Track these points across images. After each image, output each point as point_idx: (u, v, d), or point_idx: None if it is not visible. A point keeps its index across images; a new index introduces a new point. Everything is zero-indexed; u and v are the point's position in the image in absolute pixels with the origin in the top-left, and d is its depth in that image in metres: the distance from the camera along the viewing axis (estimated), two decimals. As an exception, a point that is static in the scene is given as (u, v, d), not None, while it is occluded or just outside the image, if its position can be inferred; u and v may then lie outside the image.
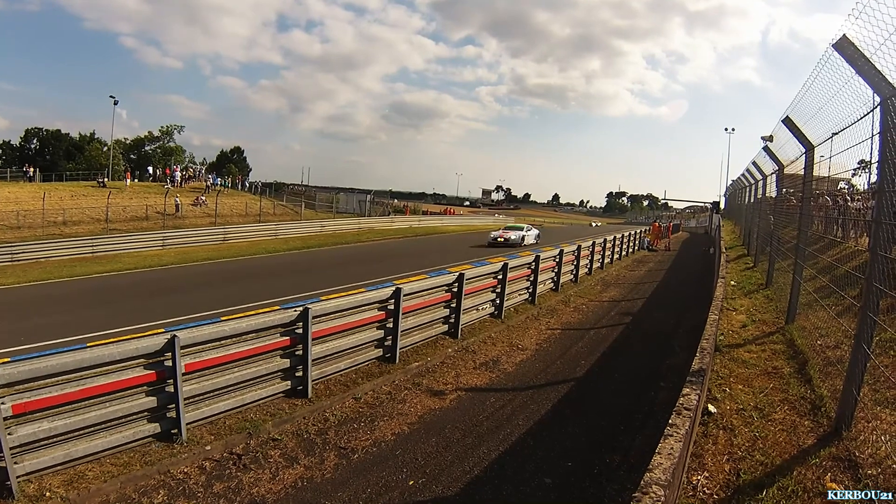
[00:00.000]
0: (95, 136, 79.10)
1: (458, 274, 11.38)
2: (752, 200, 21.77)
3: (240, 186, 64.15)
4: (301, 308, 8.13)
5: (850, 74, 5.18)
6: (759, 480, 4.37)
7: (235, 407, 7.54)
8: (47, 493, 5.61)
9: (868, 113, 5.24)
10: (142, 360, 6.51)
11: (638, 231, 33.22)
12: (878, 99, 4.78)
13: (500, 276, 13.03)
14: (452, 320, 11.50)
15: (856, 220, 9.44)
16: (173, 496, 5.94)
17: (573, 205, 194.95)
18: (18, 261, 25.69)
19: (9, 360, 8.36)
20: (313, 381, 8.40)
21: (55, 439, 5.90)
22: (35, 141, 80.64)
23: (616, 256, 25.19)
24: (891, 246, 4.62)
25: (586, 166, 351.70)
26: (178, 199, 43.67)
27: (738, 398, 6.14)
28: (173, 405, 6.76)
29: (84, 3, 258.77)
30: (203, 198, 47.17)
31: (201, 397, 7.16)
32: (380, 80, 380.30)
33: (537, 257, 14.87)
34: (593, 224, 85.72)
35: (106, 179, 51.16)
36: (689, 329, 11.80)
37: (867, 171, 7.44)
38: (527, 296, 14.98)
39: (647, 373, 9.91)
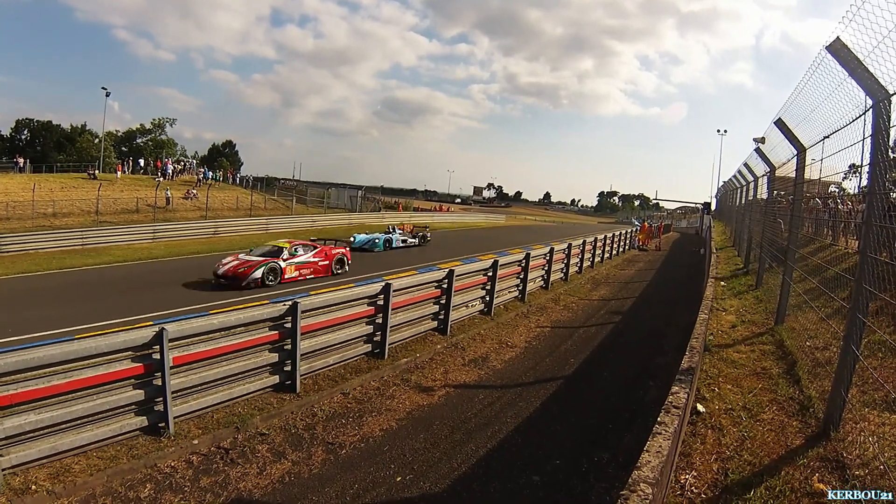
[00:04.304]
0: (87, 128, 78.58)
1: (447, 270, 11.38)
2: (743, 202, 21.84)
3: (231, 180, 63.74)
4: (290, 302, 8.11)
5: (842, 77, 5.19)
6: (746, 480, 4.38)
7: (223, 401, 7.52)
8: (33, 487, 5.58)
9: (860, 116, 5.24)
10: (129, 352, 6.48)
11: (629, 230, 33.27)
12: (870, 102, 4.79)
13: (489, 274, 13.04)
14: (442, 317, 11.49)
15: (846, 223, 9.47)
16: (160, 490, 5.91)
17: (564, 203, 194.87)
18: (7, 252, 25.44)
19: (-5, 351, 8.28)
20: (302, 375, 8.39)
21: (41, 432, 5.87)
22: (26, 131, 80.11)
23: (606, 255, 25.23)
24: (881, 248, 4.64)
25: (578, 165, 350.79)
26: (168, 192, 43.39)
27: (727, 398, 6.16)
28: (161, 398, 6.72)
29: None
30: (194, 191, 46.88)
31: (189, 391, 7.13)
32: (372, 76, 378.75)
33: (527, 255, 14.89)
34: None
35: (97, 171, 50.79)
36: (678, 329, 11.83)
37: (857, 174, 7.46)
38: (517, 293, 15.00)
39: (636, 371, 9.93)
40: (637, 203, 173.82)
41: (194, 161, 75.30)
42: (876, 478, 3.94)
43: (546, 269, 16.91)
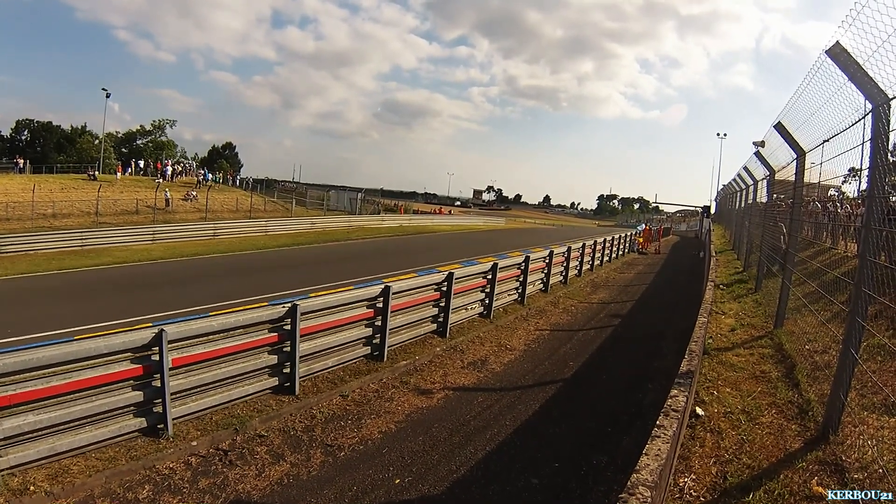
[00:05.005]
0: (87, 129, 78.66)
1: (447, 273, 11.37)
2: (742, 205, 21.86)
3: (231, 182, 63.84)
4: (290, 304, 8.10)
5: (842, 81, 5.20)
6: (745, 483, 4.38)
7: (222, 403, 7.51)
8: (31, 487, 5.57)
9: (860, 120, 5.26)
10: (129, 354, 6.47)
11: (629, 233, 33.29)
12: (870, 106, 4.80)
13: (489, 276, 13.03)
14: (441, 319, 11.49)
15: (846, 226, 9.49)
16: (159, 491, 5.91)
17: (564, 206, 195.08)
18: (6, 252, 25.42)
19: (-6, 352, 8.27)
20: (301, 377, 8.38)
21: (40, 433, 5.85)
22: (26, 132, 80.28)
23: (606, 259, 25.23)
24: (880, 252, 4.65)
25: (578, 168, 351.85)
26: (168, 194, 43.39)
27: (726, 401, 6.16)
28: (160, 400, 6.71)
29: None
30: (194, 193, 46.88)
31: (188, 392, 7.12)
32: (373, 78, 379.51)
33: (527, 258, 14.88)
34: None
35: (97, 172, 50.84)
36: (677, 332, 11.82)
37: (857, 178, 7.48)
38: (516, 296, 14.99)
39: (636, 375, 9.92)
40: (637, 206, 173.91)
41: (194, 162, 75.42)
42: (875, 481, 3.94)
43: (545, 272, 16.90)
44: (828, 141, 6.81)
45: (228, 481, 6.18)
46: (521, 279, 14.97)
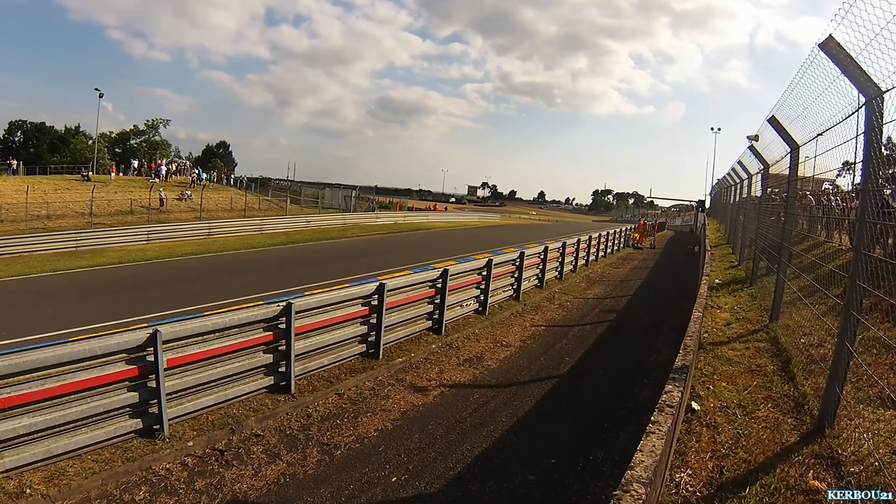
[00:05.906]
0: (80, 129, 78.47)
1: (442, 270, 11.35)
2: (737, 199, 21.91)
3: (225, 181, 63.69)
4: (284, 303, 8.07)
5: (835, 75, 5.20)
6: (742, 478, 4.38)
7: (218, 402, 7.48)
8: (27, 490, 5.54)
9: (853, 113, 5.25)
10: (123, 355, 6.44)
11: (623, 228, 33.31)
12: (863, 99, 4.80)
13: (484, 273, 13.03)
14: (436, 316, 11.48)
15: (840, 220, 9.51)
16: (155, 492, 5.89)
17: (559, 202, 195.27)
18: (1, 255, 25.38)
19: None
20: (296, 376, 8.36)
21: (35, 435, 5.82)
22: (19, 133, 79.87)
23: (601, 254, 25.25)
24: (874, 245, 4.65)
25: (572, 164, 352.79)
26: (162, 194, 43.29)
27: (722, 396, 6.16)
28: (155, 401, 6.69)
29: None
30: (188, 192, 46.76)
31: (183, 392, 7.09)
32: (367, 76, 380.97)
33: (522, 254, 14.88)
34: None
35: (90, 173, 50.68)
36: (672, 327, 11.84)
37: (850, 171, 7.48)
38: (511, 292, 15.00)
39: (631, 370, 9.94)
40: (631, 201, 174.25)
41: (188, 162, 75.17)
42: (871, 474, 3.95)
43: (540, 267, 16.91)
44: (821, 135, 6.81)
45: (225, 481, 6.17)
46: (515, 275, 14.98)
